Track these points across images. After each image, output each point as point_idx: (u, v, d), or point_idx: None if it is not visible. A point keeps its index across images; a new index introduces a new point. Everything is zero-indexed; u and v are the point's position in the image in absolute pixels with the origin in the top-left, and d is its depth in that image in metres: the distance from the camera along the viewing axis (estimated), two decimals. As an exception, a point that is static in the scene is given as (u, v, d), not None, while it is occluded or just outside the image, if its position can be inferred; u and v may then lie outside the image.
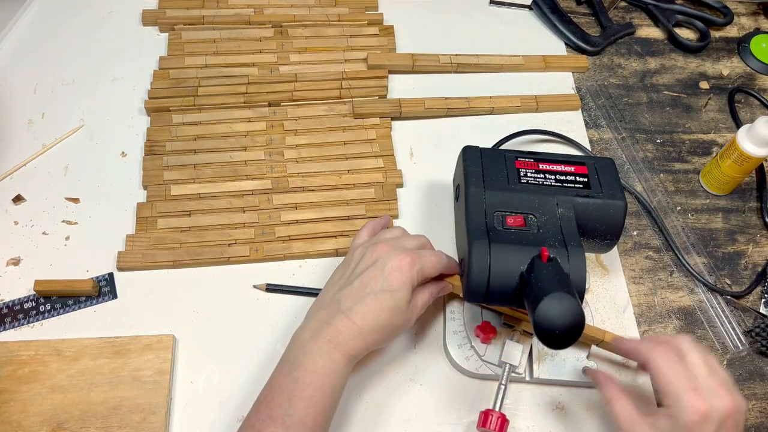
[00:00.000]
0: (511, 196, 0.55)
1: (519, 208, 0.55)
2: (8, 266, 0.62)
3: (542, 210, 0.55)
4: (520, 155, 0.60)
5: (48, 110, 0.71)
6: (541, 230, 0.53)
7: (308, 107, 0.73)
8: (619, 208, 0.56)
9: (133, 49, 0.76)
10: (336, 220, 0.65)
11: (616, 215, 0.56)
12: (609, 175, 0.59)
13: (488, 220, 0.54)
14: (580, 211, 0.55)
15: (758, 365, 0.63)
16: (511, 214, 0.54)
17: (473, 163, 0.58)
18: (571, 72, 0.80)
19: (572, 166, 0.59)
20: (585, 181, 0.58)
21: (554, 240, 0.52)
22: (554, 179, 0.57)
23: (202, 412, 0.56)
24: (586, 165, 0.59)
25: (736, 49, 0.85)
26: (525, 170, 0.58)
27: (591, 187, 0.57)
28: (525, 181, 0.57)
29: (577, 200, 0.56)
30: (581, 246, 0.52)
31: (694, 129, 0.78)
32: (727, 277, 0.68)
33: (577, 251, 0.51)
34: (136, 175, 0.68)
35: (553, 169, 0.59)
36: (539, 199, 0.55)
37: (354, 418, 0.56)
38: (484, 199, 0.55)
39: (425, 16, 0.83)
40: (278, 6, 0.80)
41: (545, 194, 0.56)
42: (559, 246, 0.51)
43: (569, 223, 0.54)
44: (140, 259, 0.62)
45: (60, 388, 0.55)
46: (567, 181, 0.57)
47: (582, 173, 0.58)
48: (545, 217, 0.54)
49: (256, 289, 0.62)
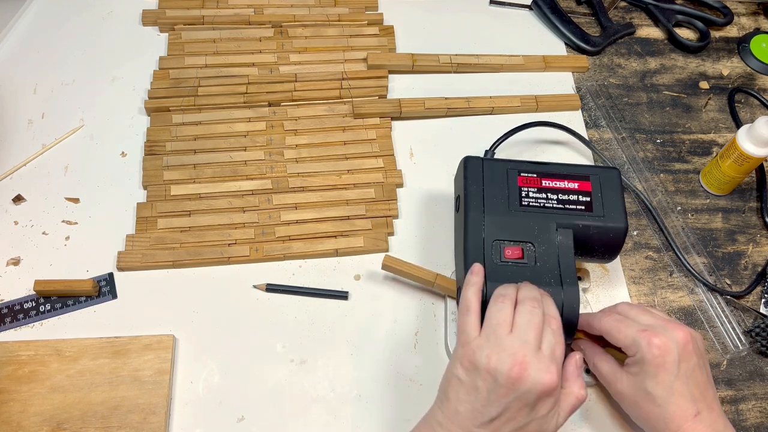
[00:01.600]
0: (512, 221, 0.56)
1: (518, 235, 0.55)
2: (8, 266, 0.62)
3: (541, 238, 0.55)
4: (523, 168, 0.59)
5: (48, 110, 0.71)
6: (539, 263, 0.54)
7: (308, 107, 0.73)
8: (620, 232, 0.57)
9: (133, 49, 0.76)
10: (336, 220, 0.65)
11: (616, 238, 0.57)
12: (612, 191, 0.58)
13: (486, 252, 0.54)
14: (580, 234, 0.56)
15: (758, 365, 0.63)
16: (509, 244, 0.55)
17: (474, 181, 0.58)
18: (571, 72, 0.80)
19: (576, 181, 0.58)
20: (587, 201, 0.57)
21: (550, 276, 0.53)
22: (556, 200, 0.57)
23: (202, 412, 0.56)
24: (590, 180, 0.59)
25: (736, 49, 0.85)
26: (527, 189, 0.58)
27: (593, 208, 0.57)
28: (526, 203, 0.57)
29: (578, 225, 0.56)
30: (576, 284, 0.53)
31: (694, 129, 0.78)
32: (727, 277, 0.68)
33: (573, 290, 0.52)
34: (136, 175, 0.68)
35: (556, 186, 0.58)
36: (539, 226, 0.55)
37: (354, 418, 0.56)
38: (483, 227, 0.55)
39: (425, 16, 0.83)
40: (278, 6, 0.80)
41: (546, 219, 0.56)
42: (555, 284, 0.52)
43: (567, 253, 0.54)
44: (140, 259, 0.62)
45: (60, 388, 0.55)
46: (569, 201, 0.57)
47: (585, 191, 0.58)
48: (544, 246, 0.54)
49: (256, 289, 0.62)
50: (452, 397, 0.47)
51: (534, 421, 0.46)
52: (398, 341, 0.60)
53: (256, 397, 0.57)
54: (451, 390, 0.47)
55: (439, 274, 0.60)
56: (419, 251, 0.65)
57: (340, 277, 0.63)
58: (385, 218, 0.66)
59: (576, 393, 0.48)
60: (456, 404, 0.46)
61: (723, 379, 0.62)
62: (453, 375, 0.47)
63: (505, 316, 0.47)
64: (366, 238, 0.64)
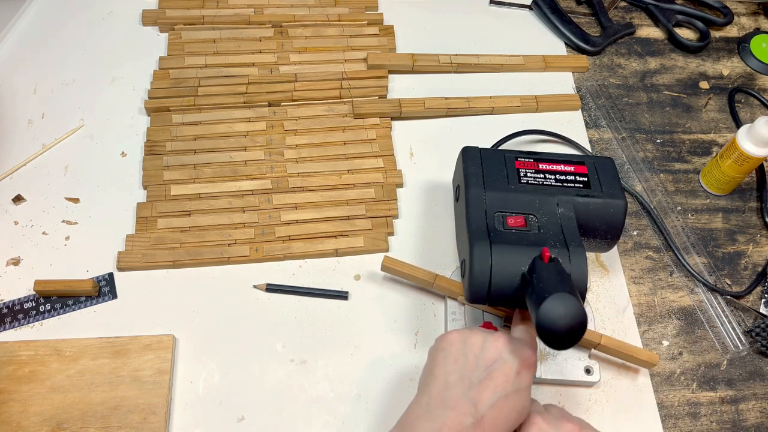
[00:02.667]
0: (512, 197, 0.56)
1: (519, 208, 0.55)
2: (8, 266, 0.62)
3: (543, 210, 0.55)
4: (520, 155, 0.60)
5: (48, 110, 0.71)
6: (542, 230, 0.53)
7: (308, 107, 0.73)
8: (620, 208, 0.56)
9: (133, 49, 0.76)
10: (336, 220, 0.65)
11: (616, 214, 0.56)
12: (609, 174, 0.59)
13: (489, 221, 0.54)
14: (580, 211, 0.55)
15: (758, 365, 0.63)
16: (511, 214, 0.54)
17: (473, 164, 0.58)
18: (571, 72, 0.80)
19: (572, 165, 0.59)
20: (585, 181, 0.58)
21: (555, 240, 0.52)
22: (554, 179, 0.57)
23: (202, 412, 0.56)
24: (585, 164, 0.59)
25: (736, 49, 0.85)
26: (525, 170, 0.58)
27: (591, 186, 0.57)
28: (525, 181, 0.57)
29: (578, 200, 0.56)
30: (582, 246, 0.52)
31: (694, 129, 0.78)
32: (727, 277, 0.68)
33: (579, 251, 0.51)
34: (136, 175, 0.68)
35: (553, 168, 0.59)
36: (539, 199, 0.55)
37: (354, 418, 0.56)
38: (484, 200, 0.55)
39: (425, 16, 0.83)
40: (278, 6, 0.80)
41: (545, 194, 0.56)
42: (560, 246, 0.52)
43: (570, 222, 0.54)
44: (140, 259, 0.62)
45: (60, 388, 0.55)
46: (567, 180, 0.58)
47: (582, 173, 0.58)
48: (546, 217, 0.54)
49: (256, 289, 0.62)
50: (439, 373, 0.47)
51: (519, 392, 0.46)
52: (398, 341, 0.60)
53: (256, 397, 0.57)
54: (437, 367, 0.48)
55: (439, 275, 0.60)
56: (419, 251, 0.65)
57: (340, 277, 0.63)
58: (385, 218, 0.66)
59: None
60: (445, 377, 0.47)
61: (723, 379, 0.62)
62: (439, 350, 0.49)
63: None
64: (366, 238, 0.64)
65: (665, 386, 0.61)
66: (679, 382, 0.61)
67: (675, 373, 0.62)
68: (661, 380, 0.61)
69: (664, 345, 0.63)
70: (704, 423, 0.59)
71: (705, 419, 0.60)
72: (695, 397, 0.61)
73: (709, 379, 0.62)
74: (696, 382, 0.61)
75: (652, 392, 0.60)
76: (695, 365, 0.62)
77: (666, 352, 0.62)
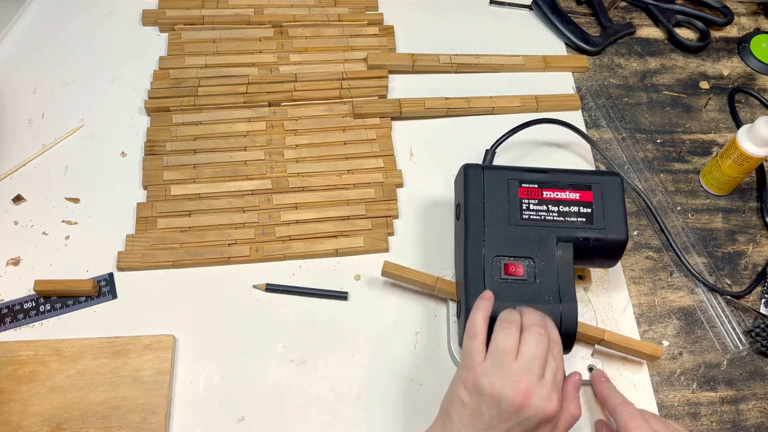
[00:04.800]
0: (512, 236, 0.56)
1: (519, 250, 0.55)
2: (8, 266, 0.62)
3: (541, 253, 0.55)
4: (524, 178, 0.58)
5: (48, 110, 0.71)
6: (538, 279, 0.54)
7: (308, 107, 0.73)
8: (620, 244, 0.57)
9: (133, 49, 0.76)
10: (336, 220, 0.65)
11: (616, 249, 0.57)
12: (614, 200, 0.58)
13: (487, 267, 0.54)
14: (580, 246, 0.56)
15: (758, 365, 0.63)
16: (510, 260, 0.55)
17: (475, 194, 0.57)
18: (571, 72, 0.80)
19: (578, 192, 0.58)
20: (588, 213, 0.57)
21: (549, 294, 0.53)
22: (557, 212, 0.57)
23: (202, 412, 0.56)
24: (592, 190, 0.58)
25: (736, 49, 0.85)
26: (527, 201, 0.57)
27: (594, 220, 0.57)
28: (527, 216, 0.57)
29: (579, 238, 0.56)
30: (574, 300, 0.53)
31: (694, 129, 0.78)
32: (727, 277, 0.68)
33: (570, 306, 0.53)
34: (136, 175, 0.68)
35: (558, 197, 0.58)
36: (540, 239, 0.56)
37: (354, 418, 0.56)
38: (483, 242, 0.55)
39: (425, 16, 0.83)
40: (278, 6, 0.80)
41: (546, 232, 0.56)
42: (554, 301, 0.53)
43: (567, 268, 0.55)
44: (140, 259, 0.62)
45: (60, 388, 0.55)
46: (570, 213, 0.57)
47: (587, 201, 0.58)
48: (544, 262, 0.55)
49: (256, 289, 0.62)
50: (455, 418, 0.48)
51: None
52: (398, 341, 0.60)
53: (256, 397, 0.57)
54: (454, 411, 0.48)
55: (440, 278, 0.60)
56: (419, 251, 0.65)
57: (340, 278, 0.63)
58: (385, 218, 0.66)
59: (572, 412, 0.49)
60: (459, 425, 0.47)
61: (723, 379, 0.62)
62: (456, 397, 0.48)
63: (512, 344, 0.48)
64: (366, 238, 0.64)
65: (665, 386, 0.61)
66: (679, 382, 0.61)
67: (675, 373, 0.62)
68: (661, 380, 0.61)
69: (664, 345, 0.63)
70: (704, 423, 0.59)
71: (705, 419, 0.60)
72: (695, 397, 0.61)
73: (709, 379, 0.62)
74: (696, 382, 0.61)
75: (652, 392, 0.60)
76: (695, 365, 0.62)
77: (666, 352, 0.62)
